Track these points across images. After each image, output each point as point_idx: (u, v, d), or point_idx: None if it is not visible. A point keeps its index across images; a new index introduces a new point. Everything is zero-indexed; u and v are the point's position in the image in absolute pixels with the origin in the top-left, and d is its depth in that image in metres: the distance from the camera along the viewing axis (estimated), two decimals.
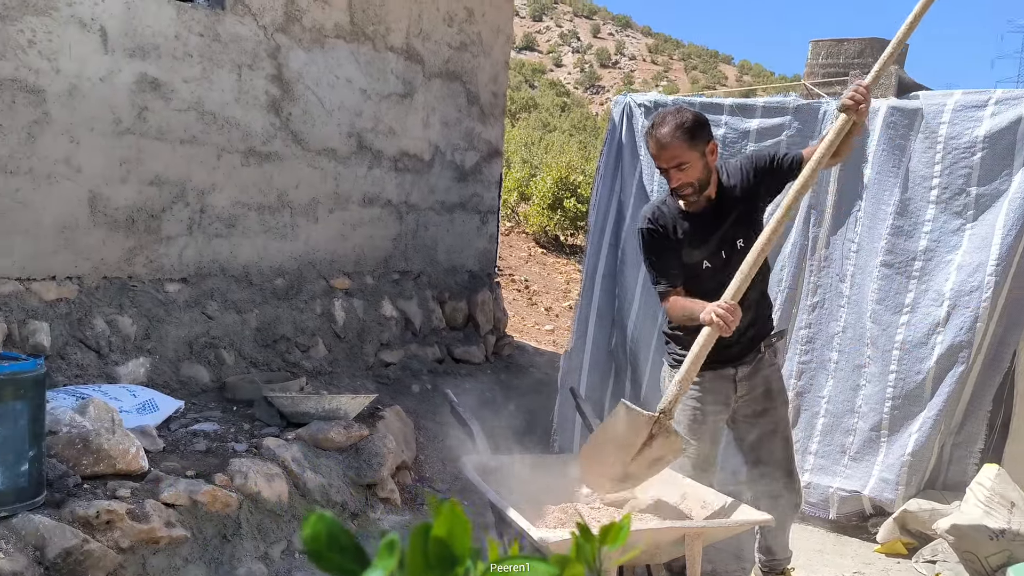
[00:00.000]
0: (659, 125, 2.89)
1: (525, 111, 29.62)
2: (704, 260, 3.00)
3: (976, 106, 3.85)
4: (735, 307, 2.71)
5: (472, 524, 0.69)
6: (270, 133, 4.65)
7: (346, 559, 0.50)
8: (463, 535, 0.51)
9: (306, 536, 0.51)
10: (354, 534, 0.52)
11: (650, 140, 2.92)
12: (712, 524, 2.60)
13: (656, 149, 2.89)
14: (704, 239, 2.99)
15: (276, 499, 3.39)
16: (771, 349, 3.17)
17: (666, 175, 2.93)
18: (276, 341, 4.74)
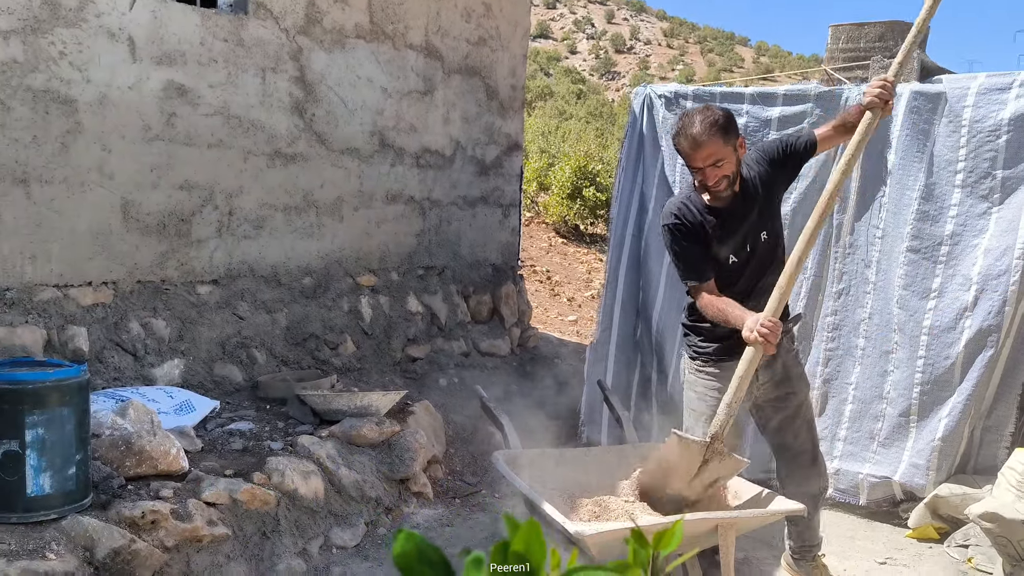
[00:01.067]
0: (691, 124, 2.88)
1: (541, 100, 29.58)
2: (731, 255, 3.02)
3: (1000, 89, 3.83)
4: (778, 324, 2.71)
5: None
6: (294, 135, 4.71)
7: (436, 574, 0.54)
8: (540, 549, 0.55)
9: (396, 553, 0.55)
10: (442, 550, 0.56)
11: (683, 140, 2.90)
12: (745, 514, 2.63)
13: (691, 148, 2.88)
14: (731, 233, 3.01)
15: (313, 496, 3.46)
16: (788, 336, 3.18)
17: (701, 174, 2.93)
18: (306, 339, 4.81)
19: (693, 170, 2.97)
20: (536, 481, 3.22)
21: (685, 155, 2.96)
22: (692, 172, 3.00)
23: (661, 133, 4.76)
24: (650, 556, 0.81)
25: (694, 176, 2.99)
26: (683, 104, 4.69)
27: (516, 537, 0.54)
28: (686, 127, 2.90)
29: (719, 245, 3.01)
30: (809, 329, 4.33)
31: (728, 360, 2.98)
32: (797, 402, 3.19)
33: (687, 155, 2.94)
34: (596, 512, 2.92)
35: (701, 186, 2.99)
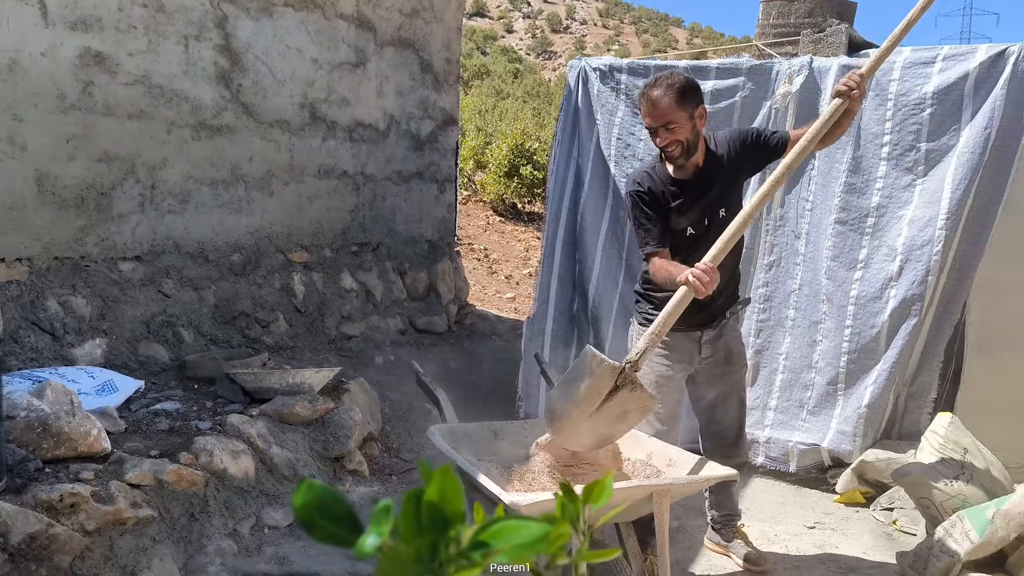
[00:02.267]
0: (652, 86, 2.96)
1: (478, 78, 29.36)
2: (689, 227, 3.06)
3: (924, 63, 3.91)
4: (713, 269, 2.73)
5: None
6: (220, 105, 4.55)
7: (339, 527, 0.50)
8: (455, 499, 0.51)
9: (297, 505, 0.51)
10: (347, 501, 0.52)
11: (642, 99, 2.99)
12: (679, 480, 2.65)
13: (648, 107, 2.95)
14: (691, 205, 3.05)
15: (243, 475, 3.37)
16: (735, 316, 3.27)
17: (654, 136, 2.99)
18: (235, 317, 4.68)
19: (649, 131, 3.02)
20: (474, 455, 3.20)
21: (644, 114, 3.02)
22: (649, 135, 3.05)
23: (596, 106, 4.75)
24: (580, 510, 0.78)
25: (652, 139, 3.04)
26: (617, 77, 4.68)
27: (430, 486, 0.50)
28: (647, 87, 2.98)
29: (678, 215, 3.05)
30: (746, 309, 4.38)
31: (675, 331, 2.98)
32: (733, 380, 3.29)
33: (645, 114, 3.00)
34: (531, 483, 2.90)
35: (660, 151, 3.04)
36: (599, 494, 0.80)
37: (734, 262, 3.17)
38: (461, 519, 0.52)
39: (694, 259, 2.95)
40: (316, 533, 0.50)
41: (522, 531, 0.53)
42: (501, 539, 0.53)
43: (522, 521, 0.54)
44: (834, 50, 4.33)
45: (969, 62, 3.83)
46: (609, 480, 0.81)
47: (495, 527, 0.53)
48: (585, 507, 0.80)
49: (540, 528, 0.53)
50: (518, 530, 0.53)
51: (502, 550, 0.52)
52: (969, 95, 3.83)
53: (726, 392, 3.27)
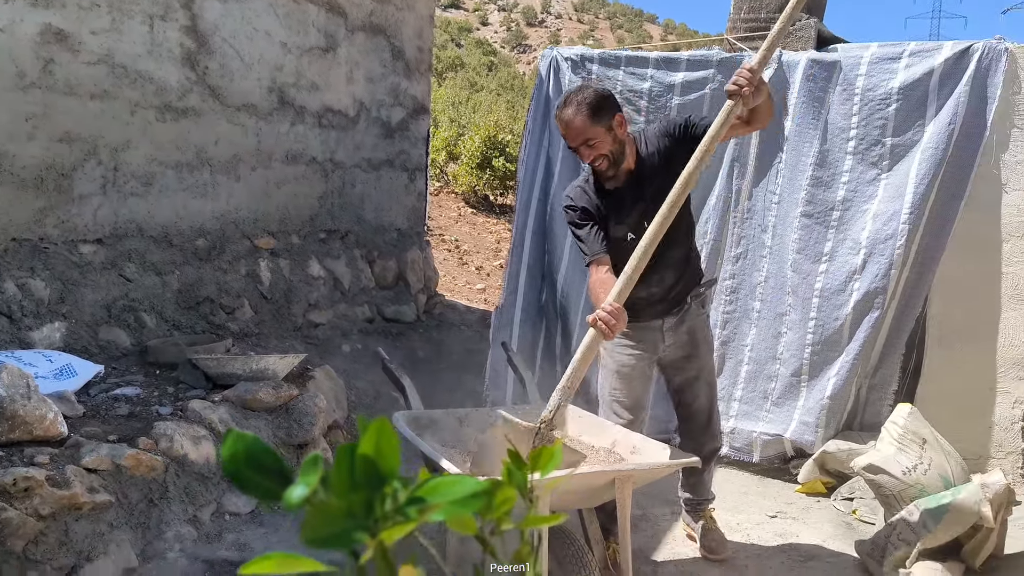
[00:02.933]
0: (563, 107, 2.91)
1: (452, 70, 29.22)
2: (628, 232, 3.01)
3: (891, 58, 3.95)
4: (619, 310, 2.63)
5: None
6: (186, 87, 4.47)
7: (268, 479, 0.49)
8: (391, 453, 0.50)
9: (225, 456, 0.49)
10: (278, 453, 0.50)
11: (558, 122, 2.95)
12: (641, 467, 2.66)
13: (564, 129, 2.93)
14: (628, 212, 3.02)
15: (204, 461, 3.33)
16: (698, 300, 3.24)
17: (578, 153, 2.97)
18: (199, 303, 4.62)
19: (571, 149, 3.00)
20: (439, 441, 3.18)
21: (562, 135, 3.00)
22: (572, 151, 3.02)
23: None
24: (527, 477, 0.77)
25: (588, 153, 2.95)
26: (589, 67, 4.68)
27: (365, 439, 0.49)
28: (559, 107, 2.94)
29: (615, 224, 3.02)
30: (713, 290, 4.41)
31: (635, 322, 3.00)
32: (699, 365, 3.28)
33: (563, 135, 2.98)
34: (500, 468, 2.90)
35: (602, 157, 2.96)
36: (546, 462, 0.79)
37: (681, 253, 3.12)
38: (397, 474, 0.51)
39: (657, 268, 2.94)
40: (243, 485, 0.49)
41: (459, 487, 0.52)
42: (437, 495, 0.52)
43: (460, 477, 0.52)
44: (803, 44, 4.36)
45: (934, 59, 3.88)
46: (559, 447, 0.81)
47: (432, 483, 0.52)
48: (534, 474, 0.79)
49: (477, 484, 0.52)
50: (455, 486, 0.52)
51: (438, 506, 0.51)
52: (934, 91, 3.88)
53: (693, 377, 3.29)
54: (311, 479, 0.47)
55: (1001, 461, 3.96)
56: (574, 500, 2.75)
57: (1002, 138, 3.87)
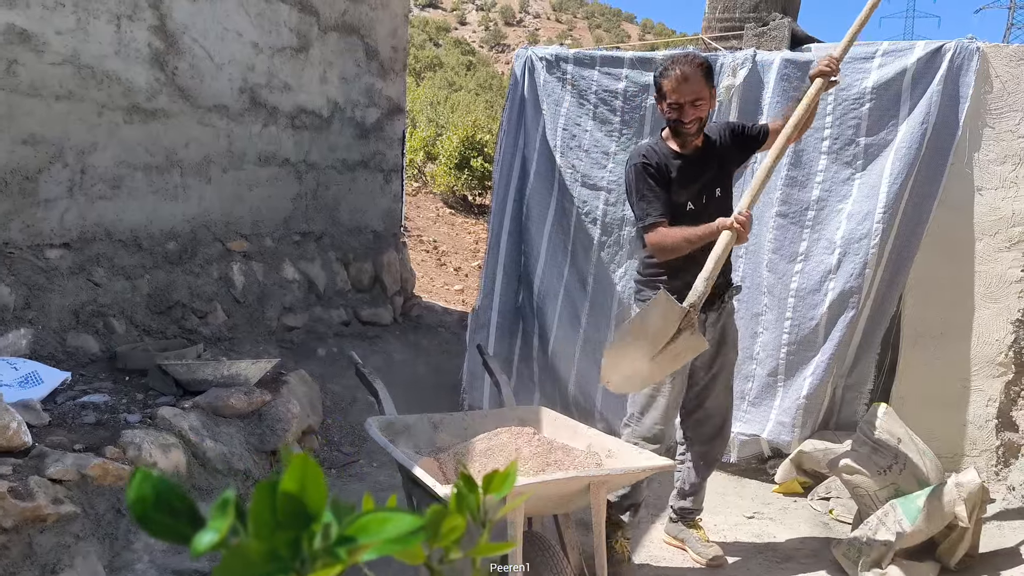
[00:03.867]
0: (680, 63, 3.02)
1: (430, 70, 29.09)
2: (688, 201, 3.11)
3: (864, 58, 3.96)
4: (751, 217, 2.90)
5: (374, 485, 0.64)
6: (155, 88, 4.40)
7: (178, 522, 0.45)
8: (317, 489, 0.46)
9: (131, 499, 0.45)
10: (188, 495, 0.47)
11: (670, 75, 3.00)
12: (615, 471, 2.63)
13: (677, 83, 2.99)
14: (692, 180, 3.11)
15: (174, 470, 3.26)
16: (733, 299, 3.33)
17: (679, 111, 3.02)
18: (171, 308, 4.55)
19: (672, 107, 3.03)
20: (413, 447, 3.14)
21: (669, 91, 3.02)
22: (669, 111, 3.05)
23: (543, 96, 4.71)
24: (479, 500, 0.74)
25: (670, 115, 3.05)
26: (564, 67, 4.65)
27: (288, 474, 0.46)
28: (675, 63, 3.03)
29: (679, 189, 3.09)
30: None
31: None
32: (722, 363, 3.30)
33: (672, 91, 3.01)
34: (479, 473, 2.86)
35: (674, 127, 3.07)
36: (501, 483, 0.76)
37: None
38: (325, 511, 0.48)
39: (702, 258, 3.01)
40: (152, 529, 0.45)
41: (392, 524, 0.48)
42: (369, 533, 0.48)
43: (392, 513, 0.49)
44: (777, 44, 4.36)
45: (907, 58, 3.89)
46: (513, 468, 0.77)
47: (362, 520, 0.48)
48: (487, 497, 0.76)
49: (412, 521, 0.48)
50: (388, 523, 0.48)
51: (370, 545, 0.48)
52: (907, 91, 3.88)
53: (715, 375, 3.28)
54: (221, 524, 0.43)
55: (976, 459, 3.97)
56: (548, 506, 2.72)
57: (974, 137, 3.89)
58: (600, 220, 4.60)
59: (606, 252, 4.61)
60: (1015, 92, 3.83)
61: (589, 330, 4.68)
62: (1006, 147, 3.86)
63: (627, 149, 4.52)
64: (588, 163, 4.61)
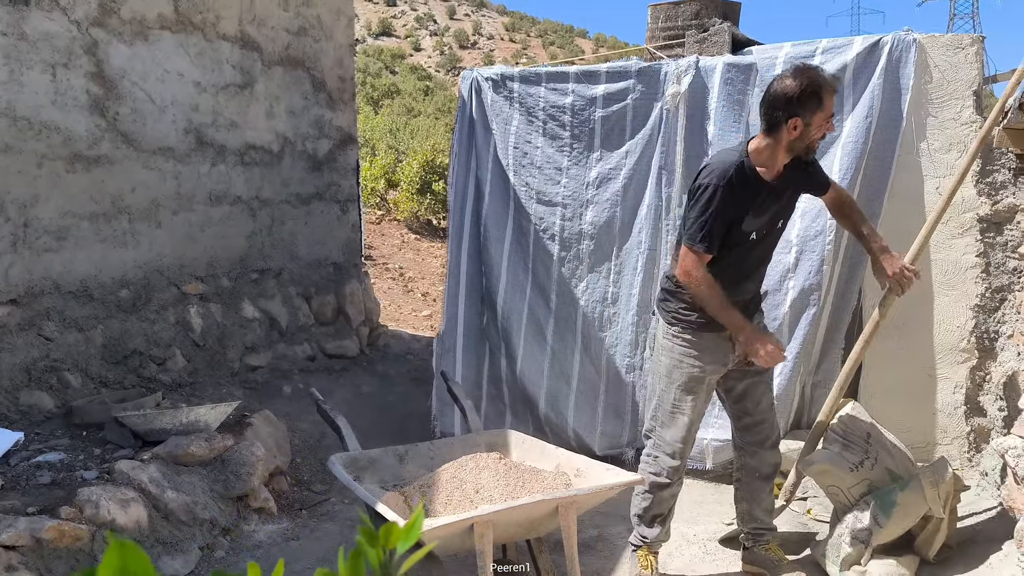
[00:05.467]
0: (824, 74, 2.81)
1: (388, 97, 29.12)
2: (754, 231, 2.91)
3: (805, 56, 3.98)
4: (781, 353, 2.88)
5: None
6: (96, 135, 4.32)
7: None
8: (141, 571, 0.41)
9: None
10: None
11: (827, 88, 2.76)
12: (584, 491, 2.58)
13: (832, 96, 2.80)
14: (767, 210, 2.91)
15: (135, 525, 3.16)
16: (759, 312, 3.21)
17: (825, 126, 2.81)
18: (127, 357, 4.44)
19: (826, 120, 2.80)
20: (379, 481, 3.08)
21: (828, 101, 2.78)
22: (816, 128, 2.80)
23: (491, 116, 4.69)
24: (383, 555, 0.69)
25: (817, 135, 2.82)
26: (510, 86, 4.64)
27: (105, 561, 0.41)
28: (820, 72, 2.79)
29: (753, 219, 2.88)
30: (648, 303, 4.38)
31: (707, 331, 2.96)
32: (760, 367, 3.12)
33: (831, 101, 2.79)
34: (445, 503, 2.80)
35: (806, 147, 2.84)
36: (407, 534, 0.71)
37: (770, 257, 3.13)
38: None
39: (746, 266, 2.97)
40: None
41: None
42: None
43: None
44: (718, 49, 4.38)
45: (847, 54, 3.92)
46: (419, 517, 0.73)
47: None
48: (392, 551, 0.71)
49: None
50: None
51: None
52: (849, 86, 3.91)
53: (755, 379, 3.14)
54: None
55: (947, 447, 3.97)
56: (519, 531, 2.66)
57: (919, 127, 3.92)
58: (558, 236, 4.58)
59: (567, 267, 4.58)
60: (954, 80, 3.87)
61: (556, 346, 4.64)
62: (951, 135, 3.90)
63: (579, 163, 4.51)
64: (542, 180, 4.59)
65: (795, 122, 2.75)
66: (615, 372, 4.49)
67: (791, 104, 2.74)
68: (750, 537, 3.31)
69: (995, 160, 3.85)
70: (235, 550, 3.51)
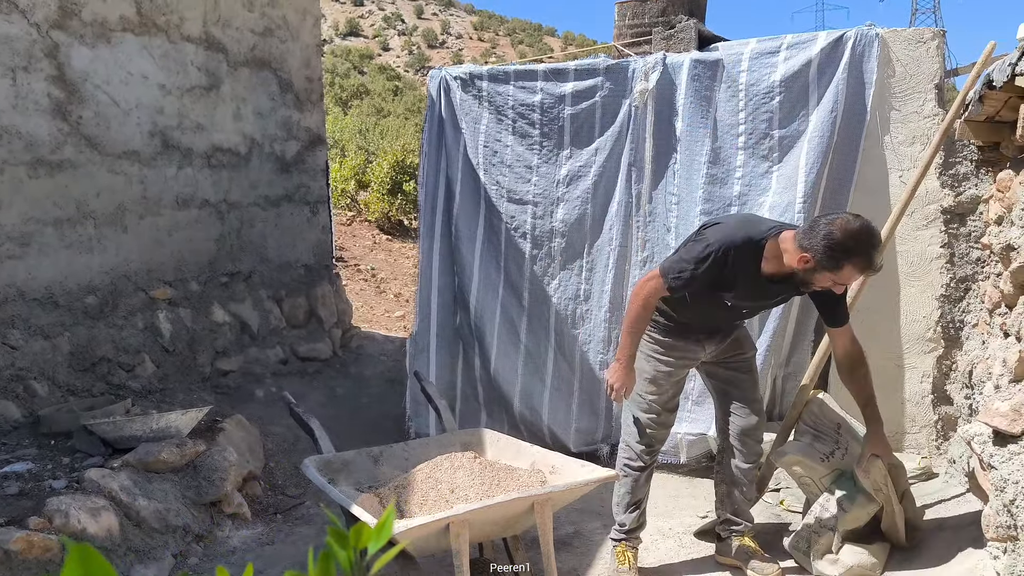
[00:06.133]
0: (877, 250, 2.70)
1: (357, 98, 28.95)
2: (731, 300, 2.95)
3: (770, 52, 4.02)
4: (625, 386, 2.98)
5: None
6: (59, 140, 4.25)
7: None
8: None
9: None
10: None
11: (862, 266, 2.69)
12: (559, 488, 2.59)
13: (859, 273, 2.74)
14: (754, 296, 2.98)
15: (106, 534, 3.12)
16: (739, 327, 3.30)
17: (831, 286, 2.78)
18: (95, 364, 4.38)
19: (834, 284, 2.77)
20: (354, 483, 3.06)
21: (850, 274, 2.72)
22: (822, 282, 2.77)
23: (460, 115, 4.69)
24: (353, 557, 0.69)
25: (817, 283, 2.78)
26: (479, 84, 4.63)
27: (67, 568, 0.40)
28: (868, 250, 2.67)
29: (735, 291, 2.90)
30: (620, 300, 4.40)
31: (676, 336, 3.11)
32: (744, 358, 3.25)
33: (854, 275, 2.75)
34: (421, 504, 2.79)
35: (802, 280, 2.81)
36: (378, 534, 0.71)
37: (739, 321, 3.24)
38: None
39: (713, 320, 3.09)
40: None
41: None
42: None
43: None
44: (684, 46, 4.41)
45: (811, 49, 3.96)
46: (389, 518, 0.72)
47: None
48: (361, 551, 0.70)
49: None
50: None
51: None
52: (814, 81, 3.95)
53: (736, 368, 3.24)
54: None
55: (916, 435, 4.04)
56: (495, 530, 2.66)
57: (883, 121, 3.97)
58: (530, 234, 4.58)
59: (538, 265, 4.59)
60: (916, 74, 3.93)
61: (529, 344, 4.64)
62: (914, 128, 3.96)
63: (549, 161, 4.52)
64: (512, 178, 4.60)
65: (806, 256, 2.71)
66: (589, 369, 4.50)
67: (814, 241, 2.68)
68: (725, 529, 3.35)
69: (957, 152, 3.91)
70: (209, 556, 3.47)
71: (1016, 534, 2.25)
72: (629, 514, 3.27)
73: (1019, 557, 2.23)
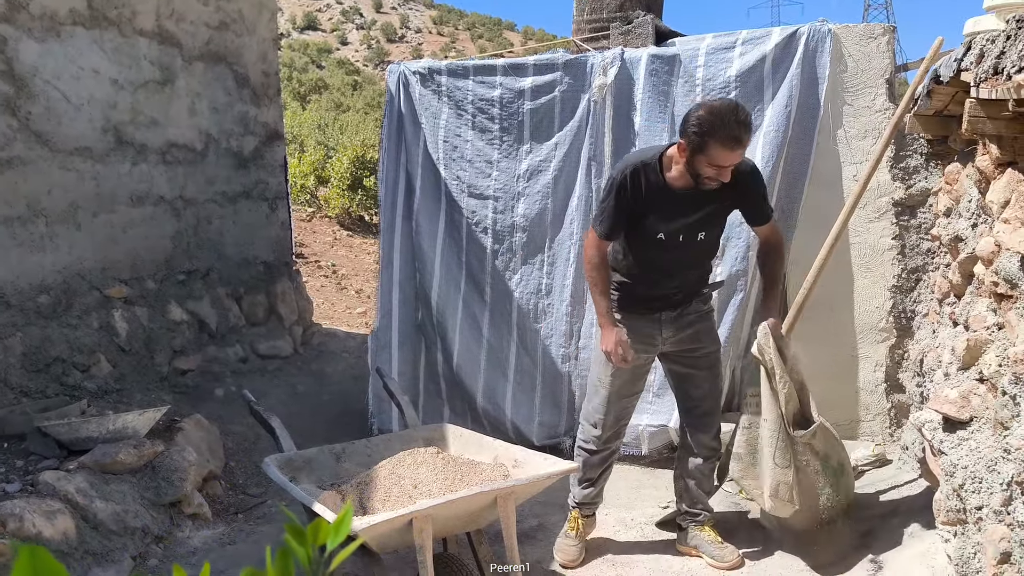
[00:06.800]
0: (733, 124, 2.67)
1: (315, 92, 28.67)
2: (660, 233, 2.97)
3: (726, 47, 4.07)
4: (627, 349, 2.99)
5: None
6: (8, 136, 4.15)
7: None
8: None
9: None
10: None
11: (722, 137, 2.67)
12: (522, 482, 2.60)
13: (731, 148, 2.70)
14: (675, 216, 2.95)
15: (62, 537, 3.07)
16: (701, 298, 3.26)
17: (717, 172, 2.77)
18: (49, 365, 4.29)
19: (708, 166, 2.76)
20: (316, 481, 3.05)
21: (718, 155, 2.71)
22: (703, 167, 2.77)
23: (420, 110, 4.67)
24: (311, 553, 0.69)
25: (702, 173, 2.78)
26: (438, 79, 4.62)
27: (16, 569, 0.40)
28: (728, 124, 2.66)
29: (657, 221, 2.93)
30: (581, 294, 4.42)
31: (629, 312, 3.14)
32: (704, 353, 3.27)
33: (723, 156, 2.71)
34: (384, 500, 2.79)
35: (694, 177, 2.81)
36: (336, 531, 0.71)
37: (698, 274, 3.21)
38: None
39: (661, 262, 3.05)
40: None
41: None
42: None
43: None
44: (642, 41, 4.45)
45: (766, 44, 4.02)
46: (348, 513, 0.73)
47: None
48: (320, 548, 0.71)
49: None
50: None
51: None
52: (769, 76, 4.01)
53: (693, 366, 3.26)
54: None
55: (870, 423, 4.13)
56: (459, 524, 2.67)
57: (836, 115, 4.05)
58: (491, 229, 4.59)
59: (500, 260, 4.59)
60: (868, 70, 4.00)
61: (492, 339, 4.65)
62: (866, 122, 4.04)
63: (510, 156, 4.53)
64: (472, 173, 4.59)
65: (681, 143, 2.80)
66: (551, 362, 4.53)
67: (686, 126, 2.77)
68: (686, 518, 3.40)
69: (908, 146, 4.00)
70: (169, 558, 3.43)
71: (965, 517, 2.32)
72: (582, 489, 3.41)
73: (968, 540, 2.30)
